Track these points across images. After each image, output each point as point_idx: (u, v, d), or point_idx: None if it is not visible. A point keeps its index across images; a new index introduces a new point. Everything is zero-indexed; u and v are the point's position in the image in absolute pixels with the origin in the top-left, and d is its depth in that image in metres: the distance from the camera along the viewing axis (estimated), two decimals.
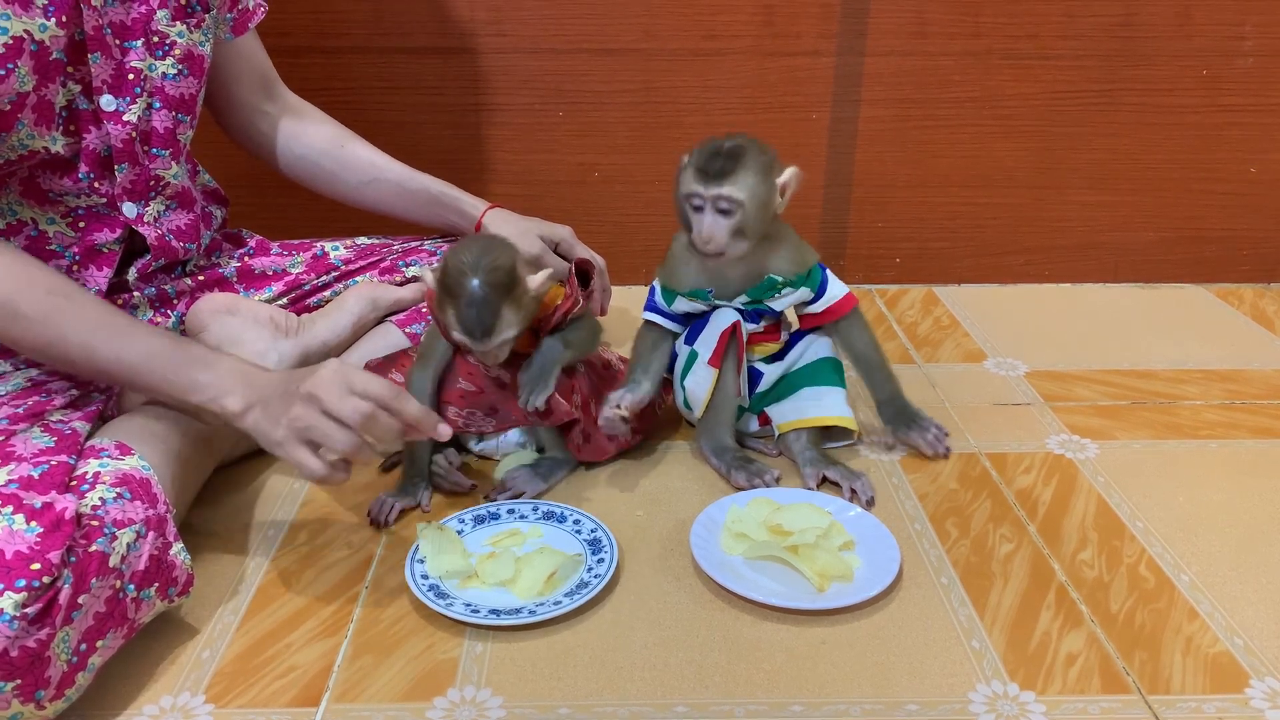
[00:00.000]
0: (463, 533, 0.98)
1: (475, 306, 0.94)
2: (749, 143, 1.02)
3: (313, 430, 0.85)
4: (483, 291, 0.94)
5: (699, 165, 1.01)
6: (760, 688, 0.81)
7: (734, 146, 1.01)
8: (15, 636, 0.69)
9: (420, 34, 1.53)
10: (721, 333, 1.07)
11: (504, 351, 1.00)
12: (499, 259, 0.96)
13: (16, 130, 0.93)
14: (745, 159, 1.00)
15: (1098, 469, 1.12)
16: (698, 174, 1.01)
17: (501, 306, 0.95)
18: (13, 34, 0.89)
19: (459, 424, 1.07)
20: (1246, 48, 1.57)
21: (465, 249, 0.97)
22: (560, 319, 1.04)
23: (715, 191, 0.99)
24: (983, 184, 1.65)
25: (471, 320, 0.95)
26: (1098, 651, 0.85)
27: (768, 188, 1.01)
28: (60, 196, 1.01)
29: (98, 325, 0.89)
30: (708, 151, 1.01)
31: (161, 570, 0.82)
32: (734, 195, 0.99)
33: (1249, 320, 1.56)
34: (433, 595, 0.89)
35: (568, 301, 1.05)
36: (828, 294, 1.10)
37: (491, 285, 0.94)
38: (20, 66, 0.90)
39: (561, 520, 1.00)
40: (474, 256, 0.95)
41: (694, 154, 1.03)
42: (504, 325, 0.96)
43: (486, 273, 0.94)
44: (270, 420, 0.87)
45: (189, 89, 1.08)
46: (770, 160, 1.02)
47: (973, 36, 1.55)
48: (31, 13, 0.91)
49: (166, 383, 0.90)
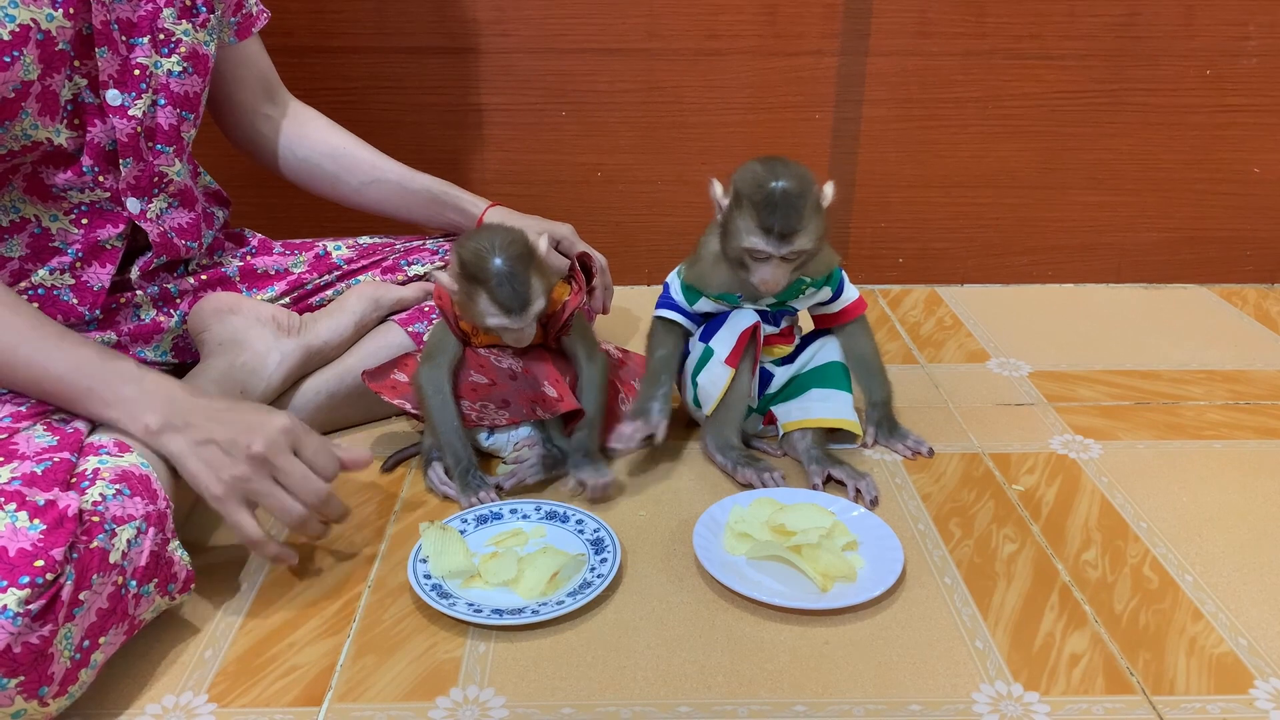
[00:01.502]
0: (465, 532, 0.98)
1: (508, 282, 0.96)
2: (798, 180, 0.97)
3: (262, 498, 0.85)
4: (509, 266, 0.96)
5: (761, 224, 0.97)
6: (763, 688, 0.81)
7: (787, 193, 0.96)
8: (18, 633, 0.69)
9: (422, 34, 1.53)
10: (741, 332, 1.07)
11: (534, 328, 1.01)
12: (512, 235, 0.99)
13: (20, 119, 0.93)
14: (805, 208, 0.97)
15: (1101, 469, 1.12)
16: (763, 232, 0.97)
17: (530, 276, 0.98)
18: (20, 22, 0.90)
19: (472, 418, 1.07)
20: (1250, 48, 1.56)
21: (474, 238, 0.99)
22: (569, 315, 1.05)
23: (786, 250, 0.98)
24: (986, 184, 1.64)
25: (508, 296, 0.97)
26: (1102, 652, 0.85)
27: (823, 222, 1.00)
28: (64, 192, 1.01)
29: (30, 331, 0.85)
30: (763, 202, 0.96)
31: (161, 566, 0.82)
32: (803, 249, 0.99)
33: (1253, 321, 1.56)
34: (435, 595, 0.88)
35: (575, 296, 1.06)
36: (844, 295, 1.11)
37: (516, 259, 0.97)
38: (26, 55, 0.91)
39: (564, 520, 1.00)
40: (488, 239, 0.98)
41: (746, 202, 0.98)
42: (535, 294, 0.98)
43: (505, 248, 0.97)
44: (204, 465, 0.84)
45: (193, 87, 1.08)
46: (819, 192, 0.99)
47: (976, 36, 1.55)
48: (39, 2, 0.91)
49: (90, 393, 0.86)
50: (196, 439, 0.85)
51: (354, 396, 1.17)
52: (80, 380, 0.86)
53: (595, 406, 1.08)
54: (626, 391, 1.16)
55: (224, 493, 0.85)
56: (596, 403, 1.08)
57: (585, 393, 1.08)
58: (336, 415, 1.18)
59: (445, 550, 0.92)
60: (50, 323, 0.87)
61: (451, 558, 0.92)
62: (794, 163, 1.00)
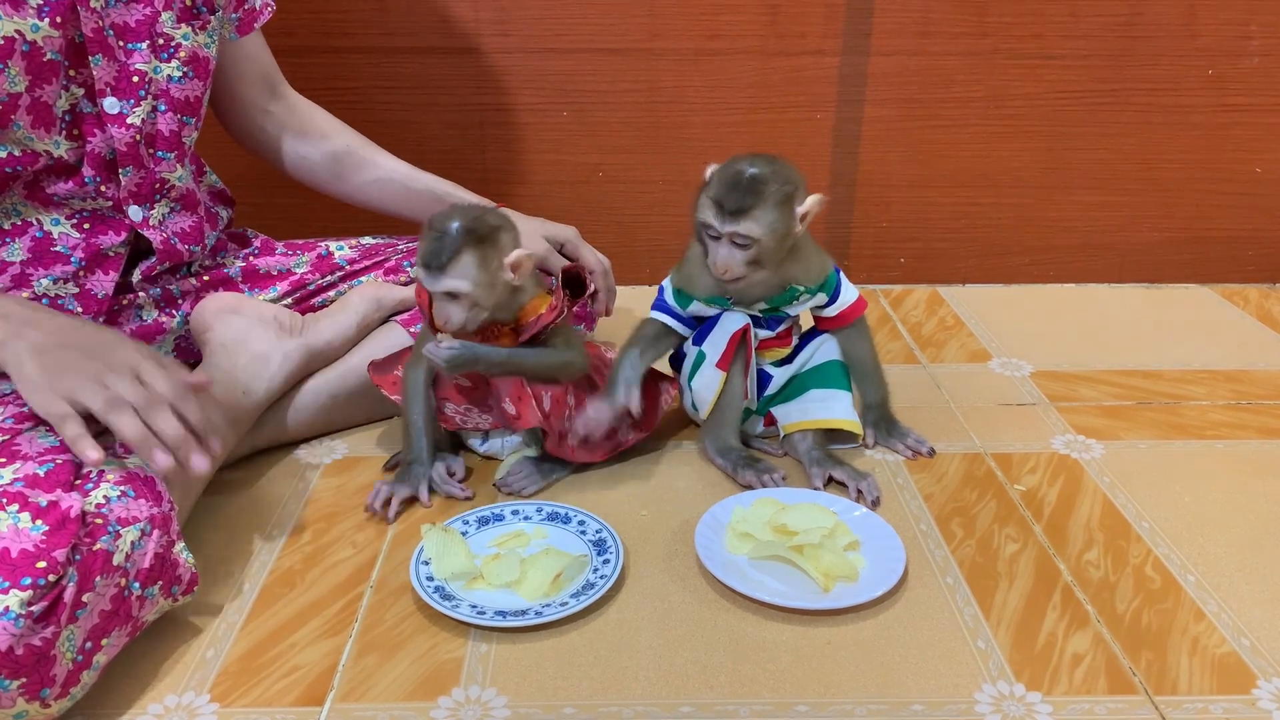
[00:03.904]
0: (467, 534, 0.98)
1: (441, 239, 0.95)
2: (771, 172, 0.97)
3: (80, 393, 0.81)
4: (455, 231, 0.95)
5: (717, 197, 0.97)
6: (765, 688, 0.81)
7: (754, 178, 0.96)
8: (21, 634, 0.69)
9: (425, 34, 1.53)
10: (731, 336, 1.07)
11: (456, 312, 0.97)
12: (486, 215, 0.97)
13: (13, 131, 0.93)
14: (764, 194, 0.96)
15: (1103, 469, 1.12)
16: (715, 206, 0.97)
17: (464, 248, 0.95)
18: (4, 34, 0.89)
19: (456, 421, 1.07)
20: (1252, 47, 1.56)
21: (468, 206, 0.99)
22: (541, 330, 1.03)
23: (731, 229, 0.97)
24: (987, 184, 1.64)
25: (430, 250, 0.95)
26: (1104, 652, 0.85)
27: (786, 220, 0.98)
28: (65, 200, 1.01)
29: None
30: (728, 181, 0.97)
31: (166, 568, 0.82)
32: (750, 233, 0.97)
33: (1254, 320, 1.55)
34: (438, 597, 0.88)
35: (550, 314, 1.03)
36: (841, 299, 1.11)
37: (466, 229, 0.95)
38: (11, 67, 0.90)
39: (566, 521, 1.00)
40: (470, 208, 0.97)
41: (715, 178, 0.99)
42: (461, 268, 0.95)
43: (466, 219, 0.95)
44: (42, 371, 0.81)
45: (194, 91, 1.07)
46: (792, 191, 0.98)
47: (977, 36, 1.55)
48: (24, 12, 0.90)
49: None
50: (35, 346, 0.83)
51: (356, 396, 1.17)
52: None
53: (532, 355, 1.03)
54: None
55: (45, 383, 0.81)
56: (535, 355, 1.03)
57: (538, 351, 1.04)
58: (339, 415, 1.18)
59: (447, 552, 0.92)
60: None
61: (454, 559, 0.92)
62: (784, 163, 1.00)
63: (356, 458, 1.15)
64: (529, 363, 1.03)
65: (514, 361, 1.03)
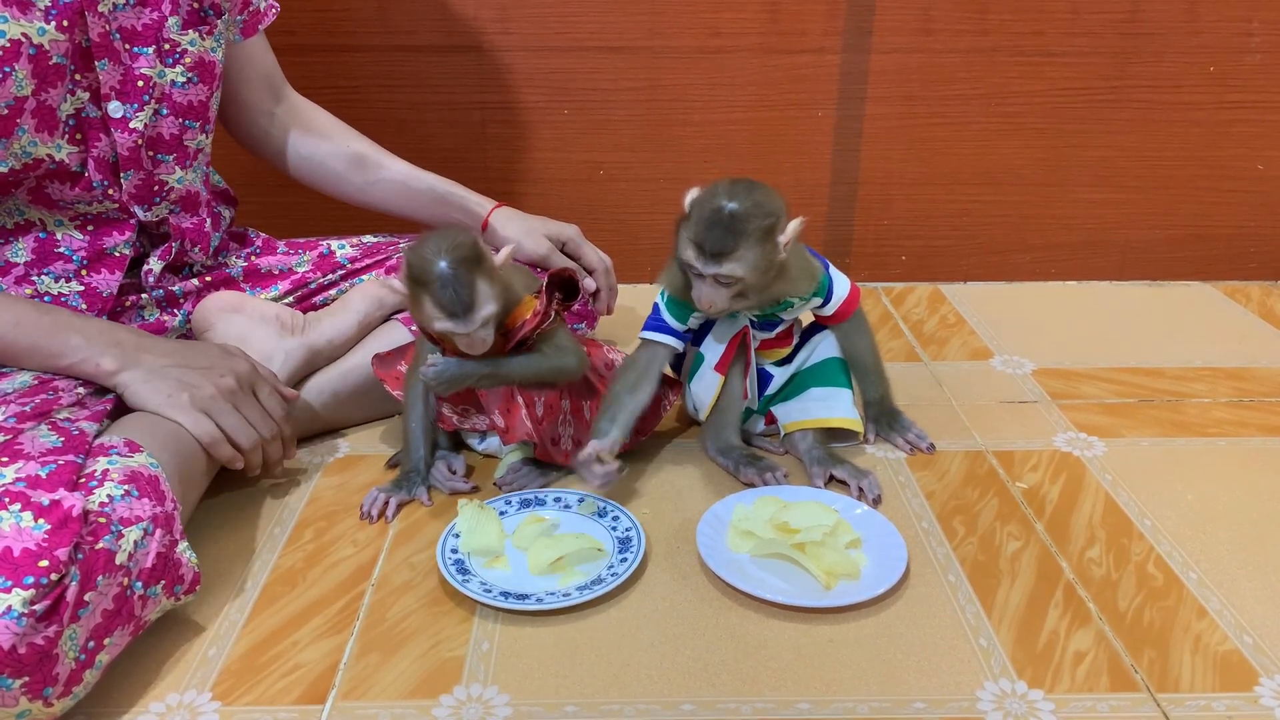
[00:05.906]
0: (505, 514, 0.99)
1: (450, 285, 0.93)
2: (752, 206, 0.94)
3: (221, 416, 0.94)
4: (453, 270, 0.93)
5: (697, 239, 0.95)
6: (767, 685, 0.81)
7: (734, 215, 0.93)
8: (23, 634, 0.69)
9: (425, 32, 1.53)
10: (729, 339, 1.07)
11: (489, 334, 0.97)
12: (458, 238, 0.95)
13: (17, 136, 0.93)
14: (745, 232, 0.94)
15: (1105, 467, 1.12)
16: (695, 248, 0.95)
17: (475, 280, 0.94)
18: (10, 37, 0.89)
19: (454, 422, 1.07)
20: (1254, 44, 1.56)
21: (421, 243, 0.95)
22: (527, 334, 1.01)
23: (714, 271, 0.96)
24: (989, 181, 1.64)
25: (450, 300, 0.93)
26: (1106, 649, 0.85)
27: (769, 254, 0.96)
28: (70, 204, 1.01)
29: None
30: (707, 220, 0.94)
31: (169, 568, 0.82)
32: (733, 274, 0.95)
33: (1257, 318, 1.55)
34: (455, 570, 0.90)
35: (535, 318, 1.01)
36: (835, 295, 1.10)
37: (460, 261, 0.93)
38: (18, 70, 0.90)
39: (602, 515, 1.01)
40: (434, 244, 0.94)
41: (694, 213, 0.96)
42: (483, 299, 0.94)
43: (451, 252, 0.93)
44: (168, 388, 0.92)
45: (198, 96, 1.07)
46: (773, 224, 0.96)
47: (979, 34, 1.55)
48: (31, 15, 0.90)
49: (37, 348, 0.91)
50: (155, 368, 0.93)
51: (358, 395, 1.17)
52: (20, 339, 0.91)
53: (520, 364, 1.02)
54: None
55: (189, 402, 0.93)
56: (524, 363, 1.02)
57: (527, 358, 1.02)
58: (340, 414, 1.18)
59: (480, 528, 0.95)
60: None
61: (484, 536, 0.94)
62: (764, 190, 0.97)
63: (358, 456, 1.15)
64: (517, 372, 1.02)
65: (502, 373, 1.02)
